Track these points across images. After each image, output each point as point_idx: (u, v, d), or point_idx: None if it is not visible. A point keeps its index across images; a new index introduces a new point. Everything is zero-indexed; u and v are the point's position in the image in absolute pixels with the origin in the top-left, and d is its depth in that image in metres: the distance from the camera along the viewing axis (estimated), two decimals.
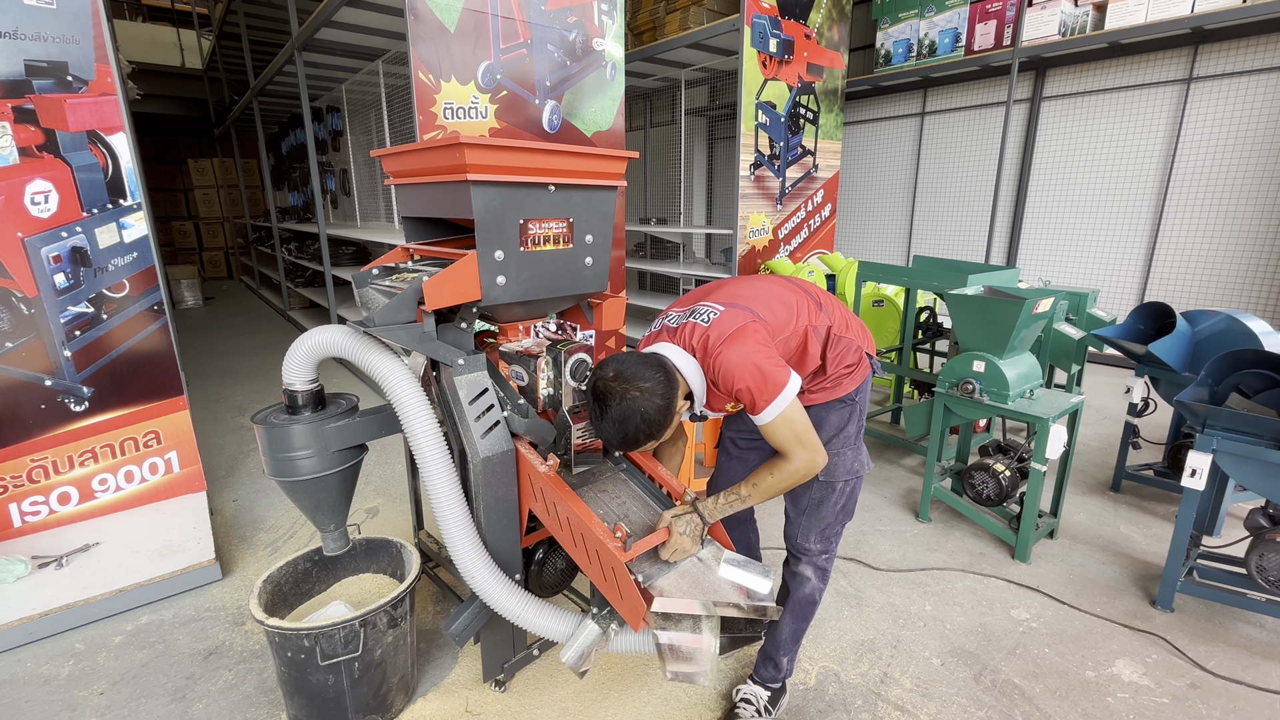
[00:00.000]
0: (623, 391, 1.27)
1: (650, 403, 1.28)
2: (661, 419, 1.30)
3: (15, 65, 2.06)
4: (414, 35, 2.80)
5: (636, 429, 1.28)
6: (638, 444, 1.33)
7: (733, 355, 1.28)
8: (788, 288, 1.49)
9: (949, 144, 6.22)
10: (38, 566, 2.12)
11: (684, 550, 1.32)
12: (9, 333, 2.19)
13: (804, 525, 1.55)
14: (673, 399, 1.31)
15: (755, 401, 1.26)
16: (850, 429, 1.51)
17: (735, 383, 1.27)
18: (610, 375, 1.30)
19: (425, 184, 1.45)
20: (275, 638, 1.42)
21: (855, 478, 1.52)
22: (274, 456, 1.39)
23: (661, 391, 1.29)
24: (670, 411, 1.31)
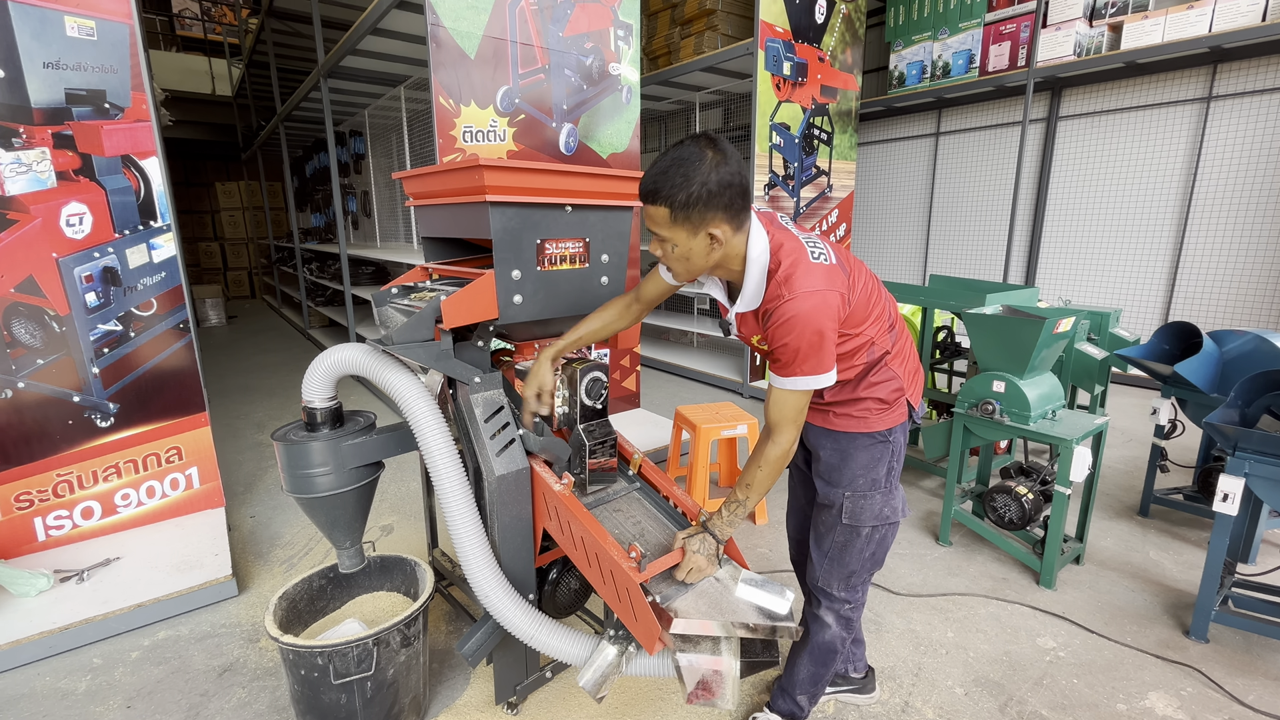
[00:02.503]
0: (701, 144, 1.13)
1: (708, 171, 1.10)
2: (699, 191, 1.11)
3: (56, 94, 2.14)
4: (435, 62, 2.88)
5: (671, 175, 1.11)
6: (655, 194, 1.14)
7: (804, 307, 1.15)
8: (884, 295, 1.38)
9: (964, 164, 6.21)
10: (59, 580, 2.15)
11: (700, 570, 1.29)
12: (41, 350, 2.25)
13: (826, 569, 1.46)
14: (720, 207, 1.13)
15: (790, 361, 1.18)
16: (879, 471, 1.39)
17: (787, 333, 1.17)
18: (716, 140, 1.15)
19: (445, 205, 1.47)
20: (289, 655, 1.42)
21: (886, 524, 1.41)
22: (292, 473, 1.40)
23: (723, 181, 1.11)
24: (712, 203, 1.12)
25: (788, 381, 1.21)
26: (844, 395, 1.38)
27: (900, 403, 1.39)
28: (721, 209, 1.14)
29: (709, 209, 1.14)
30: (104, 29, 2.19)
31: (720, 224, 1.16)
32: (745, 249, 1.22)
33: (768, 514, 2.85)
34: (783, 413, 1.24)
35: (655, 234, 1.21)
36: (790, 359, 1.19)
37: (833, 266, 1.22)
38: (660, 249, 1.23)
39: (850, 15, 4.82)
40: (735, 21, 4.69)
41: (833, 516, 1.43)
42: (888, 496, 1.40)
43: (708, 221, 1.15)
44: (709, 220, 1.15)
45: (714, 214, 1.14)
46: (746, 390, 4.82)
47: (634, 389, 4.13)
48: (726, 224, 1.17)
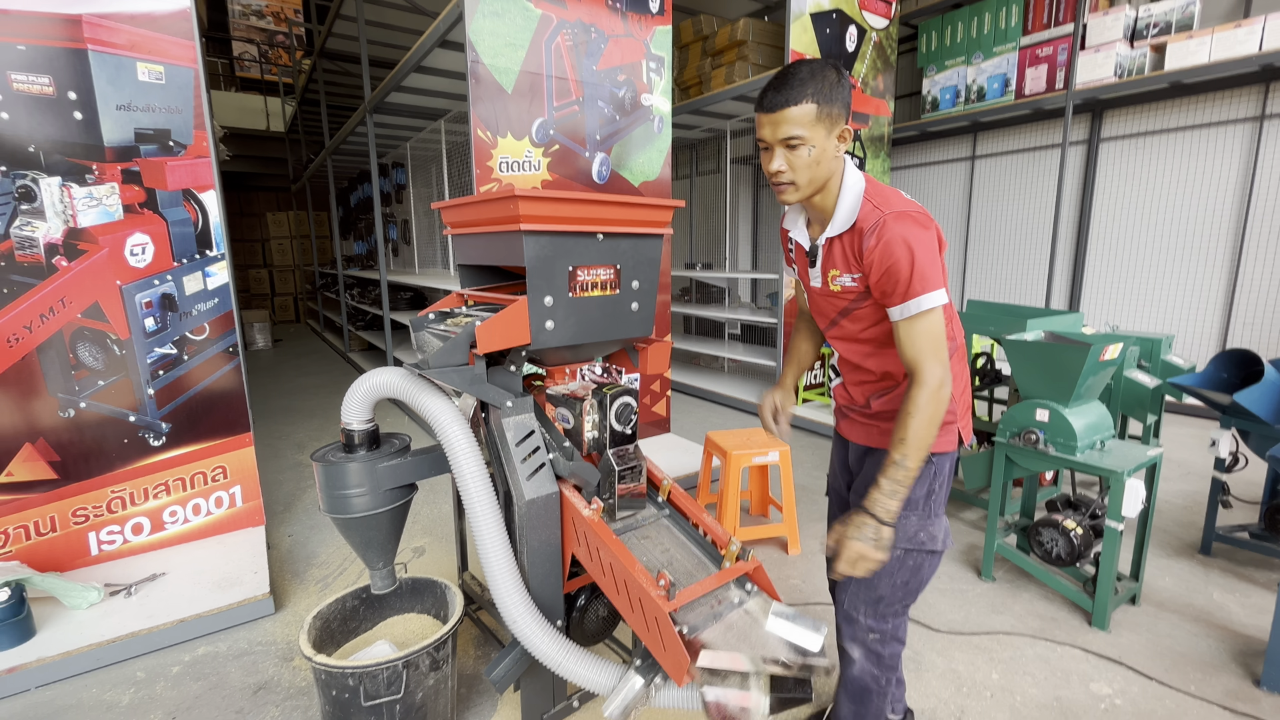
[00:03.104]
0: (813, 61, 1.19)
1: (836, 73, 1.16)
2: (843, 86, 1.16)
3: (127, 133, 2.30)
4: (474, 97, 3.00)
5: (816, 75, 1.14)
6: (802, 94, 1.13)
7: (909, 220, 1.13)
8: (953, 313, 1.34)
9: (1002, 187, 6.11)
10: (109, 594, 2.23)
11: (866, 559, 1.16)
12: (102, 371, 2.38)
13: (854, 589, 1.36)
14: (848, 109, 1.18)
15: (908, 280, 1.11)
16: (918, 490, 1.31)
17: (897, 248, 1.11)
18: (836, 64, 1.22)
19: (480, 234, 1.52)
20: (321, 675, 1.44)
21: (921, 551, 1.32)
22: (329, 493, 1.44)
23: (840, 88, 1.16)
24: (846, 102, 1.17)
25: (912, 305, 1.13)
26: (894, 404, 1.33)
27: (951, 430, 1.33)
28: (847, 110, 1.18)
29: (844, 108, 1.17)
30: (172, 73, 2.35)
31: (845, 124, 1.19)
32: (842, 169, 1.24)
33: (800, 544, 2.79)
34: (918, 345, 1.15)
35: (786, 141, 1.17)
36: (907, 277, 1.12)
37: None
38: (788, 159, 1.18)
39: (881, 42, 4.84)
40: (766, 52, 4.76)
41: None
42: (925, 521, 1.32)
43: (841, 120, 1.18)
44: (842, 119, 1.18)
45: (844, 114, 1.18)
46: None
47: (664, 414, 4.11)
48: (846, 126, 1.19)
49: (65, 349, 2.30)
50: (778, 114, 1.16)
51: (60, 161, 2.21)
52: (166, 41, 2.32)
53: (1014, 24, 5.45)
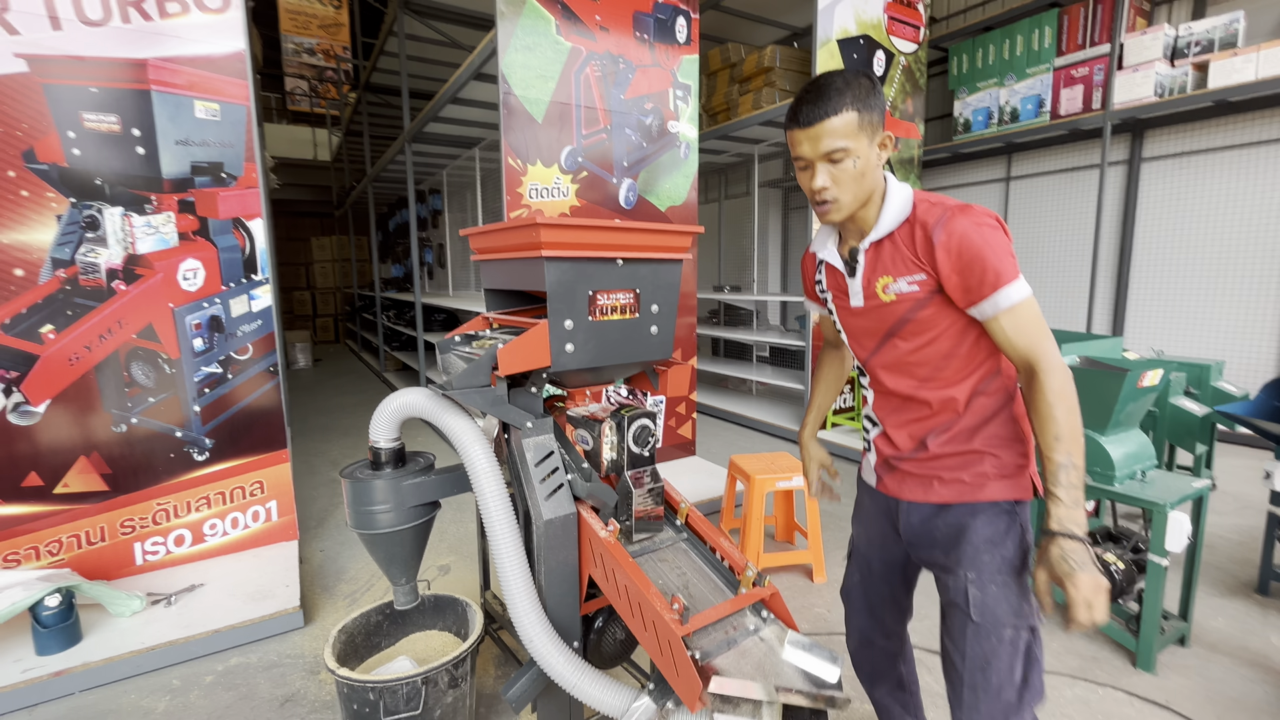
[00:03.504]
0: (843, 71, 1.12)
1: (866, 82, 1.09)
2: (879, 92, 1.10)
3: (184, 166, 2.47)
4: (506, 126, 3.11)
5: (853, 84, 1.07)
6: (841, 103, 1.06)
7: (982, 220, 1.05)
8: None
9: (1038, 209, 5.98)
10: (150, 603, 2.32)
11: (1102, 592, 0.95)
12: (152, 389, 2.51)
13: (972, 705, 1.10)
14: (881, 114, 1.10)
15: (1000, 272, 1.02)
16: (1008, 548, 1.11)
17: (975, 241, 1.02)
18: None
19: (505, 259, 1.57)
20: (344, 688, 1.47)
21: (1028, 627, 1.09)
22: (356, 509, 1.49)
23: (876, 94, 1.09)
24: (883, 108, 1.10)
25: (1005, 294, 1.02)
26: (956, 444, 1.15)
27: (1024, 475, 1.14)
28: (884, 117, 1.12)
29: (883, 114, 1.11)
30: (226, 110, 2.52)
31: (885, 132, 1.12)
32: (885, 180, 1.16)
33: (826, 572, 2.73)
34: (1028, 332, 1.04)
35: (829, 155, 1.09)
36: (995, 265, 1.02)
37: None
38: (832, 174, 1.10)
39: (910, 66, 4.85)
40: (793, 77, 4.81)
41: (960, 617, 1.13)
42: (1027, 591, 1.09)
43: (881, 127, 1.11)
44: (881, 126, 1.11)
45: (883, 120, 1.11)
46: None
47: (690, 436, 4.11)
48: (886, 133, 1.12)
49: (120, 367, 2.44)
50: (817, 127, 1.08)
51: (123, 193, 2.38)
52: (222, 81, 2.49)
53: (1048, 45, 5.40)
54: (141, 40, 2.33)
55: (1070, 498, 0.99)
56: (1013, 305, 1.03)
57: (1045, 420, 1.01)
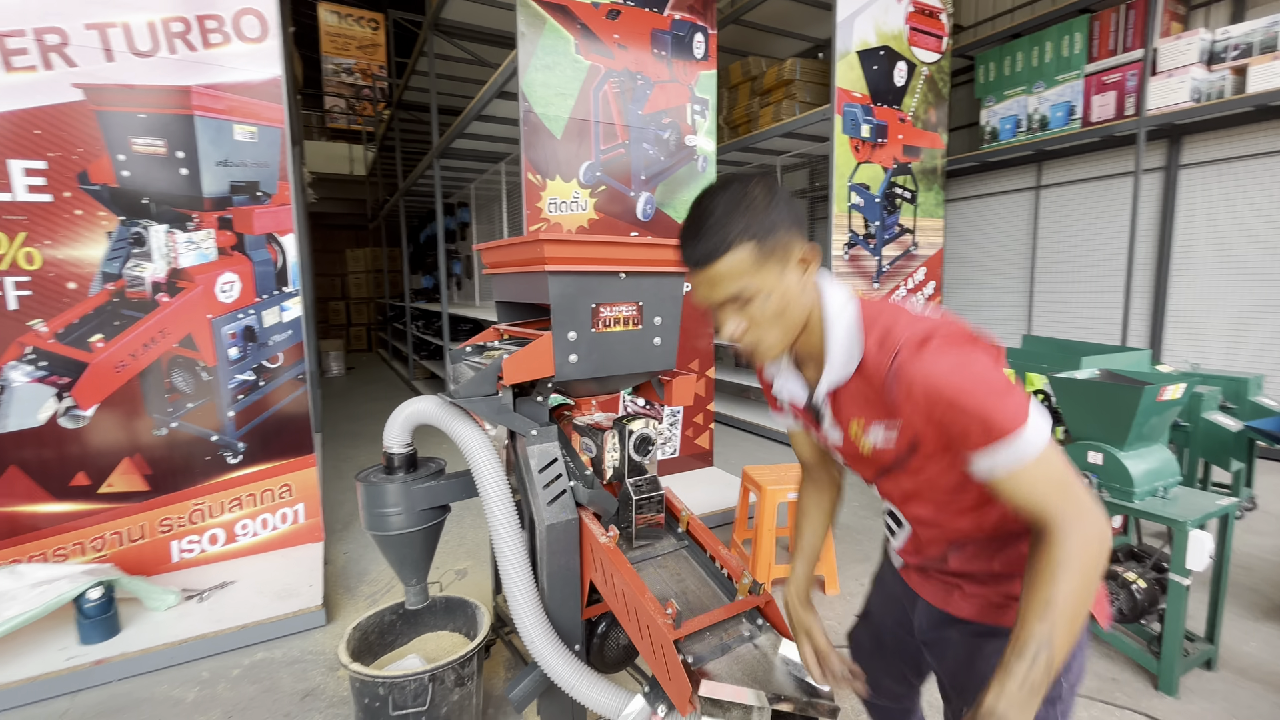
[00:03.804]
0: (732, 180, 0.90)
1: (759, 189, 0.87)
2: (777, 208, 0.87)
3: (223, 186, 2.62)
4: (526, 142, 3.21)
5: (734, 212, 0.86)
6: (726, 240, 0.86)
7: (944, 356, 0.80)
8: None
9: (1071, 217, 5.84)
10: (185, 598, 2.45)
11: None
12: (191, 395, 2.66)
13: None
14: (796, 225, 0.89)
15: (988, 425, 0.77)
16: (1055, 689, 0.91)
17: (942, 392, 0.79)
18: (757, 174, 0.94)
19: (513, 273, 1.64)
20: (356, 683, 1.54)
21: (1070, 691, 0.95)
22: (370, 511, 1.56)
23: (784, 196, 0.88)
24: (788, 218, 0.88)
25: (1004, 452, 0.78)
26: (978, 563, 0.97)
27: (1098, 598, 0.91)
28: (797, 227, 0.90)
29: (790, 227, 0.88)
30: (263, 133, 2.67)
31: (802, 244, 0.90)
32: (819, 295, 0.94)
33: (839, 584, 2.71)
34: (1036, 497, 0.78)
35: (734, 300, 0.89)
36: (978, 417, 0.78)
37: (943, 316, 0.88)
38: (744, 317, 0.91)
39: (933, 76, 4.82)
40: (814, 89, 4.83)
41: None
42: (1065, 702, 0.91)
43: (794, 243, 0.89)
44: (794, 241, 0.89)
45: (795, 232, 0.89)
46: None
47: (707, 447, 4.12)
48: (805, 244, 0.91)
49: (162, 374, 2.59)
50: (708, 271, 0.88)
51: (167, 211, 2.53)
52: (260, 105, 2.64)
53: (1078, 52, 5.30)
54: (186, 69, 2.49)
55: (1026, 682, 0.72)
56: (1012, 469, 0.78)
57: (1041, 579, 0.75)
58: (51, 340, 2.38)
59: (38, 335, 2.36)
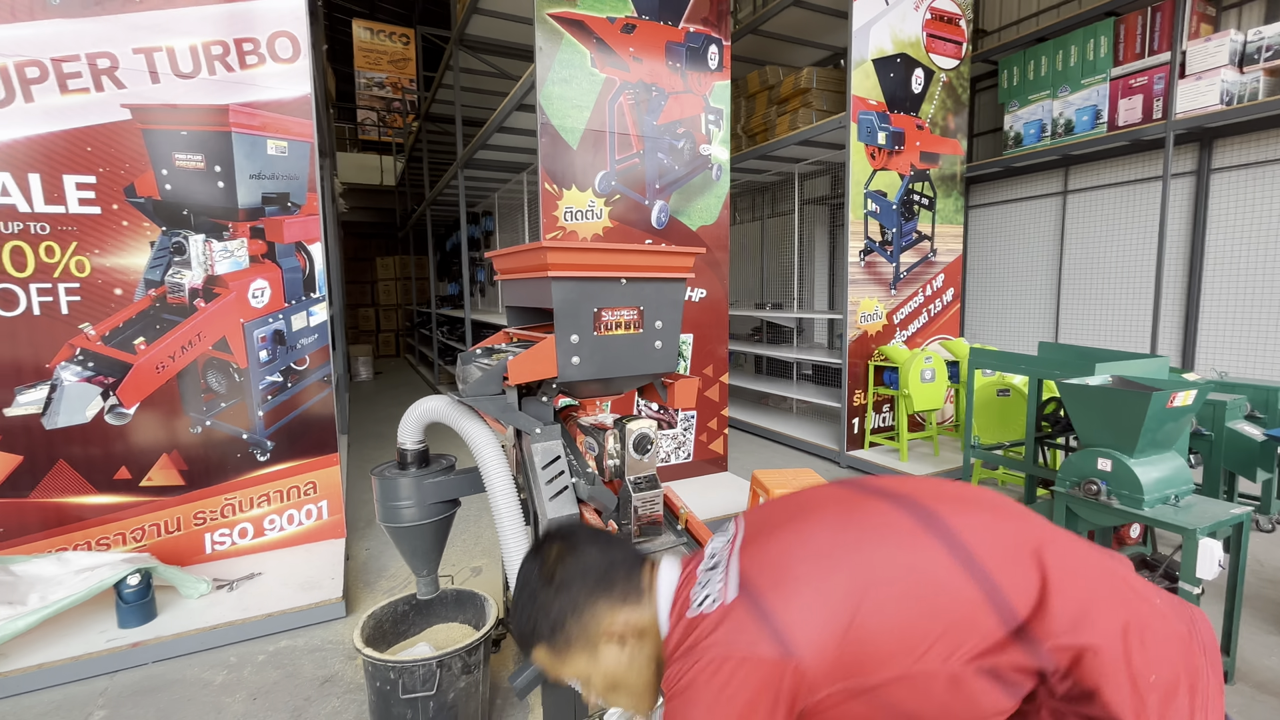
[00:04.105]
0: (535, 551, 0.92)
1: (552, 566, 0.89)
2: (555, 598, 0.87)
3: (256, 197, 2.77)
4: (543, 153, 3.31)
5: (521, 608, 0.90)
6: (526, 641, 0.91)
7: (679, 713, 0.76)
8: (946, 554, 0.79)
9: (1098, 223, 5.73)
10: (216, 587, 2.58)
11: None
12: (224, 395, 2.80)
13: None
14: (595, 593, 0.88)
15: None
16: None
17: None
18: (557, 533, 0.95)
19: (521, 279, 1.72)
20: (369, 667, 1.62)
21: None
22: (384, 504, 1.65)
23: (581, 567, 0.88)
24: (581, 596, 0.87)
25: None
26: None
27: None
28: (594, 603, 0.87)
29: (582, 610, 0.87)
30: (294, 147, 2.81)
31: (611, 612, 0.87)
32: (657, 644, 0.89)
33: None
34: None
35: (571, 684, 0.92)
36: None
37: (729, 608, 0.77)
38: (590, 695, 0.93)
39: (951, 82, 4.80)
40: (830, 98, 4.85)
41: None
42: None
43: (593, 624, 0.87)
44: (593, 622, 0.87)
45: (591, 612, 0.87)
46: (844, 460, 4.64)
47: (721, 452, 4.15)
48: (620, 607, 0.88)
49: (198, 375, 2.74)
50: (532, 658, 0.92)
51: (205, 221, 2.69)
52: (291, 121, 2.79)
53: (1103, 55, 5.22)
54: (225, 89, 2.65)
55: None
56: None
57: None
58: (98, 343, 2.55)
59: (86, 338, 2.53)
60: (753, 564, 0.81)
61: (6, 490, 2.45)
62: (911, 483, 0.93)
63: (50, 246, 2.44)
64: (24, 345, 2.43)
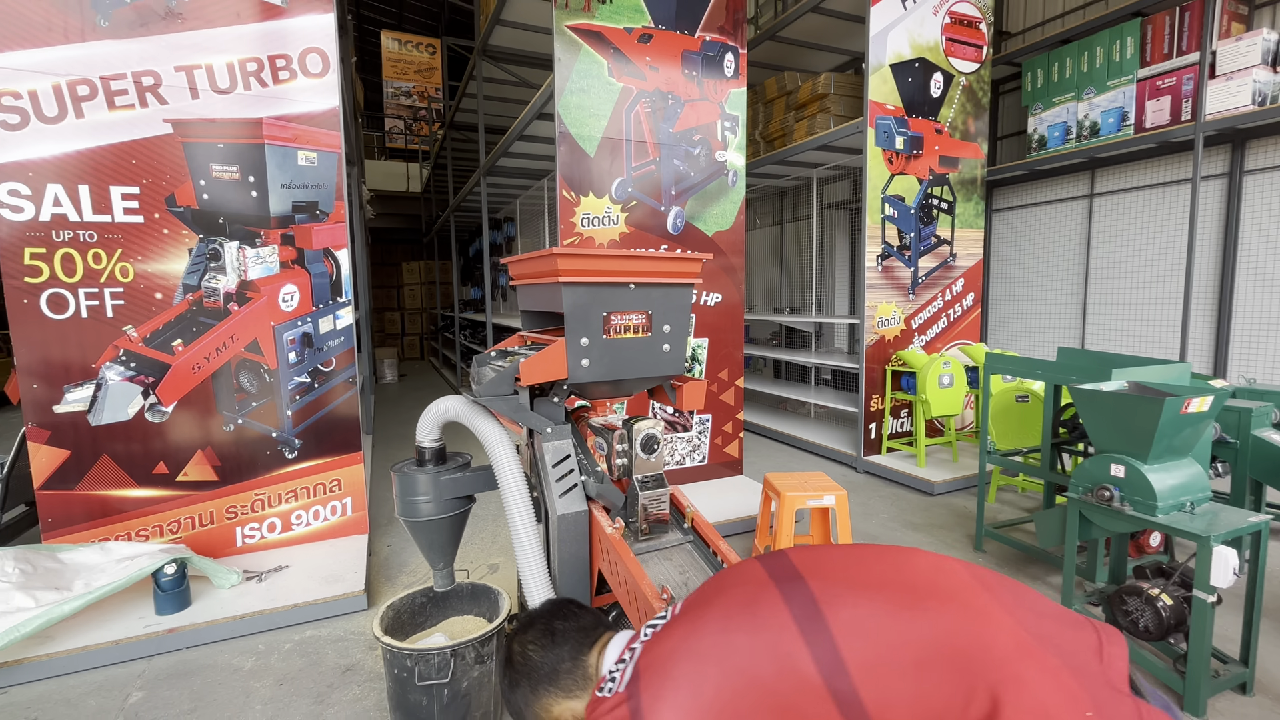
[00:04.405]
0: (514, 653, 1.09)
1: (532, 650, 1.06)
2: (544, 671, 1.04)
3: (286, 206, 2.90)
4: (561, 161, 3.39)
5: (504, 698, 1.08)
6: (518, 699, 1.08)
7: None
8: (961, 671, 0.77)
9: (1125, 227, 5.62)
10: (246, 579, 2.69)
11: None
12: (255, 395, 2.93)
13: None
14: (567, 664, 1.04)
15: None
16: None
17: None
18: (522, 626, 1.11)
19: (534, 284, 1.79)
20: (387, 654, 1.70)
21: None
22: (403, 499, 1.73)
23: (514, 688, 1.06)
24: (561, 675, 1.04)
25: None
26: None
27: None
28: (544, 689, 1.04)
29: (533, 701, 1.05)
30: (322, 158, 2.94)
31: (556, 704, 1.04)
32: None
33: None
34: None
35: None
36: None
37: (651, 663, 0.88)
38: None
39: (972, 86, 4.77)
40: (848, 103, 4.86)
41: None
42: None
43: (548, 711, 1.04)
44: (547, 709, 1.04)
45: (541, 700, 1.04)
46: (860, 465, 4.62)
47: (736, 455, 4.18)
48: (564, 699, 1.03)
49: (232, 376, 2.88)
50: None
51: (239, 229, 2.83)
52: (320, 133, 2.91)
53: (1130, 56, 5.13)
54: (258, 103, 2.78)
55: None
56: None
57: None
58: (140, 344, 2.69)
59: (129, 340, 2.67)
60: (647, 657, 0.90)
61: (54, 483, 2.61)
62: (831, 560, 0.93)
63: (97, 253, 2.59)
64: (73, 346, 2.58)
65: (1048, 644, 0.77)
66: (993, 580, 0.87)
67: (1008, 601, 0.83)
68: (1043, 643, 0.77)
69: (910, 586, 0.85)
